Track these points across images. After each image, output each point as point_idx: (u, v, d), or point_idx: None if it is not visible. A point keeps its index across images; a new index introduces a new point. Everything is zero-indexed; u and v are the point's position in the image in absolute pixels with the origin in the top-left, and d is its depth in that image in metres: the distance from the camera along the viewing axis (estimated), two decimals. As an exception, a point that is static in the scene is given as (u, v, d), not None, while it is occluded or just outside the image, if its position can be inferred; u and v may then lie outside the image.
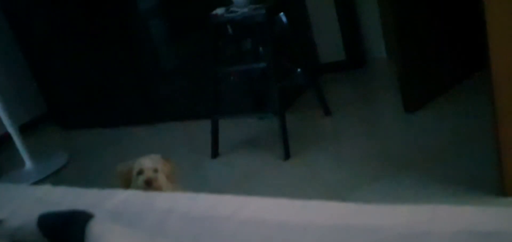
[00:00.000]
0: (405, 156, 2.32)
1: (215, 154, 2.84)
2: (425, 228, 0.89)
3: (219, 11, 2.63)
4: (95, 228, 0.93)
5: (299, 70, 2.93)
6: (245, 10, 2.53)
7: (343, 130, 2.82)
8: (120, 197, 1.18)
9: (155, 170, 1.86)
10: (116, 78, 3.63)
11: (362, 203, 1.01)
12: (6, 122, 3.26)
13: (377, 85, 3.31)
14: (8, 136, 3.33)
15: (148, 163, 1.87)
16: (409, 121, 2.66)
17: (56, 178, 3.19)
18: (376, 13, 3.28)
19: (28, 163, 3.34)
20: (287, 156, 2.60)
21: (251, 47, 3.00)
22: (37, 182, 3.09)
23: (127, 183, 1.89)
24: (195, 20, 3.09)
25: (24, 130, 3.60)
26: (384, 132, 2.69)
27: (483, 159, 2.06)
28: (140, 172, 1.86)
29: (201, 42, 3.12)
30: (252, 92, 3.21)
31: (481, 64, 1.83)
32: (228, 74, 2.99)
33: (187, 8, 3.14)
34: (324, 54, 3.56)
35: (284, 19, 2.72)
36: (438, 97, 2.76)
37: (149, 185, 1.82)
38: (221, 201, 1.10)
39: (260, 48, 2.89)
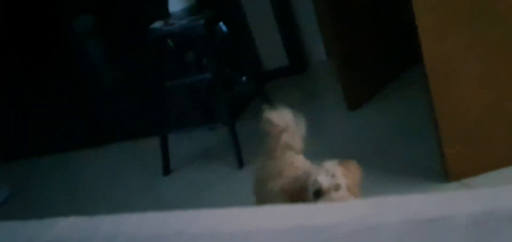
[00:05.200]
0: (351, 151, 2.37)
1: (167, 171, 2.79)
2: (374, 221, 0.91)
3: (157, 24, 2.59)
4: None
5: (244, 78, 2.94)
6: (184, 22, 2.51)
7: (292, 133, 2.85)
8: (62, 225, 1.12)
9: (337, 187, 1.41)
10: (56, 102, 3.50)
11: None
12: None
13: (321, 87, 3.38)
14: None
15: (326, 179, 1.41)
16: (353, 118, 2.72)
17: (-3, 214, 3.01)
18: (314, 18, 3.35)
19: (-35, 201, 3.13)
20: (240, 165, 2.59)
21: (194, 59, 2.97)
22: (-24, 221, 2.90)
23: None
24: (134, 36, 3.04)
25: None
26: (330, 131, 2.74)
27: (425, 147, 2.14)
28: (319, 194, 1.41)
29: (142, 57, 3.07)
30: (200, 104, 3.18)
31: (415, 58, 1.90)
32: (172, 88, 2.95)
33: (125, 25, 3.08)
34: (267, 61, 3.59)
35: (224, 28, 2.72)
36: (378, 93, 2.84)
37: None
38: (170, 217, 1.07)
39: (204, 60, 2.88)
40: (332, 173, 1.42)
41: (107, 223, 1.11)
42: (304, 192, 1.44)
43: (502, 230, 0.78)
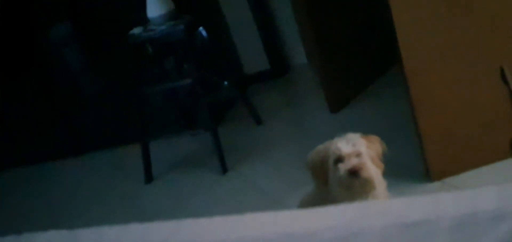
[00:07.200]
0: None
1: (149, 178, 2.76)
2: (358, 226, 0.90)
3: (137, 30, 2.57)
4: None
5: (225, 83, 2.93)
6: (163, 27, 2.49)
7: (275, 137, 2.85)
8: (40, 240, 1.09)
9: (358, 155, 1.44)
10: (34, 112, 3.42)
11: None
12: None
13: (302, 90, 3.39)
14: None
15: (347, 146, 1.44)
16: (335, 120, 2.74)
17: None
18: (294, 21, 3.35)
19: None
20: (224, 170, 2.58)
21: (175, 65, 2.95)
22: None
23: (323, 177, 1.50)
24: (113, 42, 3.00)
25: None
26: (313, 134, 2.74)
27: (407, 148, 2.15)
28: (339, 160, 1.44)
29: (122, 64, 3.03)
30: (181, 110, 3.16)
31: (395, 59, 1.92)
32: (153, 94, 2.92)
33: (103, 31, 3.04)
34: (248, 65, 3.59)
35: (204, 33, 2.71)
36: (359, 95, 2.86)
37: (355, 175, 1.41)
38: (151, 228, 1.05)
39: (185, 65, 2.86)
40: (353, 142, 1.45)
41: (87, 236, 1.08)
42: (325, 163, 1.47)
43: (484, 232, 0.79)
